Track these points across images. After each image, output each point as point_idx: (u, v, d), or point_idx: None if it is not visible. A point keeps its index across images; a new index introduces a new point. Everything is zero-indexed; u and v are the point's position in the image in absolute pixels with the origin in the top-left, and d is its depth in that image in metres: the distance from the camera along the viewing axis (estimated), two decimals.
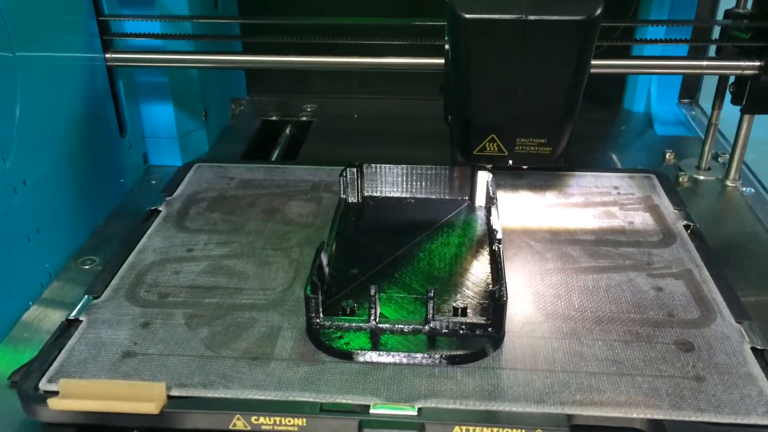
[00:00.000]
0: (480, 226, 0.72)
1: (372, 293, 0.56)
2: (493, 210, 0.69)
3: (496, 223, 0.66)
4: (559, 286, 0.63)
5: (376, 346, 0.55)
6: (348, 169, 0.75)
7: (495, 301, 0.56)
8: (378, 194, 0.76)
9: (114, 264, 0.66)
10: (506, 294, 0.56)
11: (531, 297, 0.62)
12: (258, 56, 0.84)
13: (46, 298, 0.67)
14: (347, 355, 0.55)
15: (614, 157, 0.95)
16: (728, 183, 0.87)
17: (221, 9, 1.01)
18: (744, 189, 0.85)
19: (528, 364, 0.54)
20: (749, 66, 0.77)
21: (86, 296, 0.62)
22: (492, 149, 0.68)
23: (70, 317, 0.60)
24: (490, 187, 0.72)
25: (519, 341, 0.56)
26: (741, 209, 0.82)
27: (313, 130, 1.03)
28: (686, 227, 0.71)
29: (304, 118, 1.07)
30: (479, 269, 0.65)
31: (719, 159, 0.92)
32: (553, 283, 0.63)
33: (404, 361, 0.54)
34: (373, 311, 0.57)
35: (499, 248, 0.62)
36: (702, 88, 1.10)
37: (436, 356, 0.54)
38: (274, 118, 1.07)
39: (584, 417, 0.50)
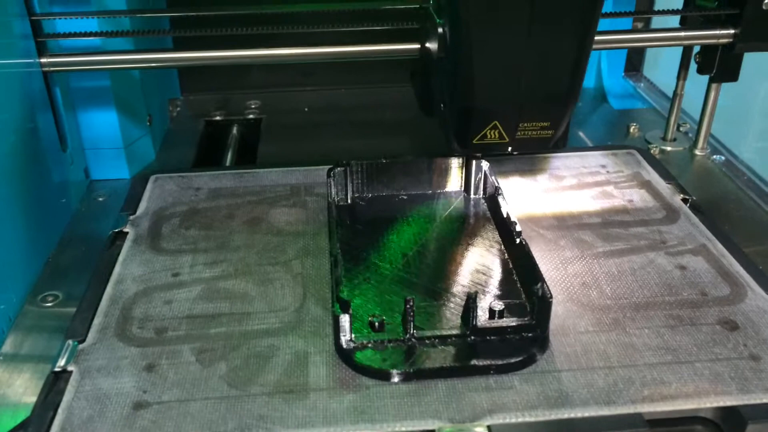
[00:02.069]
0: (484, 218, 0.68)
1: (408, 306, 0.52)
2: (501, 200, 0.65)
3: (512, 214, 0.62)
4: (584, 275, 0.60)
5: (420, 361, 0.51)
6: (336, 168, 0.69)
7: (540, 300, 0.52)
8: (367, 194, 0.71)
9: (90, 300, 0.58)
10: (550, 291, 0.52)
11: (560, 289, 0.59)
12: (210, 52, 0.76)
13: (12, 347, 0.58)
14: (392, 376, 0.50)
15: (581, 134, 0.94)
16: (697, 152, 0.87)
17: (152, 3, 0.92)
18: (715, 157, 0.86)
19: (583, 363, 0.51)
20: (724, 34, 0.77)
21: (69, 341, 0.53)
22: (493, 136, 0.64)
23: (56, 369, 0.51)
24: (490, 176, 0.69)
25: (565, 339, 0.53)
26: (718, 177, 0.83)
27: (265, 128, 0.96)
28: (684, 201, 0.71)
29: (251, 116, 0.99)
30: (500, 265, 0.61)
31: (681, 129, 0.92)
32: (577, 272, 0.61)
33: (455, 374, 0.50)
34: (410, 324, 0.52)
35: (525, 241, 0.58)
36: (645, 60, 1.11)
37: (489, 366, 0.50)
38: (218, 118, 0.99)
39: (658, 413, 0.47)
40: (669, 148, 0.89)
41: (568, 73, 0.60)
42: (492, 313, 0.55)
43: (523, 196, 0.72)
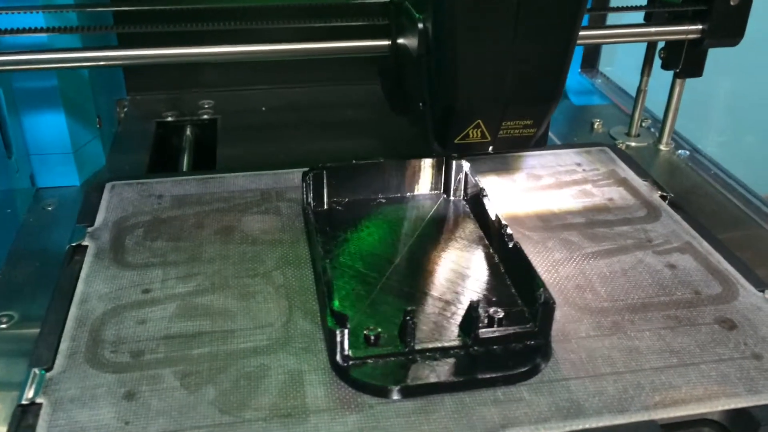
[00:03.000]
0: (468, 221, 0.66)
1: (408, 318, 0.49)
2: (486, 202, 0.63)
3: (501, 217, 0.60)
4: (576, 277, 0.59)
5: (423, 376, 0.48)
6: (311, 172, 0.65)
7: (543, 306, 0.50)
8: (343, 198, 0.68)
9: (54, 322, 0.53)
10: (552, 297, 0.50)
11: (555, 292, 0.56)
12: (168, 50, 0.71)
13: None
14: (394, 393, 0.47)
15: (549, 132, 0.93)
16: (662, 147, 0.88)
17: None
18: (680, 152, 0.87)
19: (590, 370, 0.49)
20: (692, 30, 0.77)
21: (35, 370, 0.48)
22: (475, 136, 0.62)
23: (23, 401, 0.46)
24: (472, 177, 0.67)
25: (568, 345, 0.52)
26: (685, 171, 0.83)
27: (222, 129, 0.91)
28: (663, 198, 0.71)
29: (205, 117, 0.94)
30: (492, 270, 0.59)
31: (643, 124, 0.93)
32: (569, 274, 0.59)
33: (461, 388, 0.47)
34: (410, 337, 0.49)
35: (519, 245, 0.56)
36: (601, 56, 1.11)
37: (496, 377, 0.48)
38: (170, 119, 0.93)
39: (672, 419, 0.46)
40: (634, 144, 0.89)
41: (554, 70, 0.59)
42: (491, 320, 0.52)
43: (503, 197, 0.70)
